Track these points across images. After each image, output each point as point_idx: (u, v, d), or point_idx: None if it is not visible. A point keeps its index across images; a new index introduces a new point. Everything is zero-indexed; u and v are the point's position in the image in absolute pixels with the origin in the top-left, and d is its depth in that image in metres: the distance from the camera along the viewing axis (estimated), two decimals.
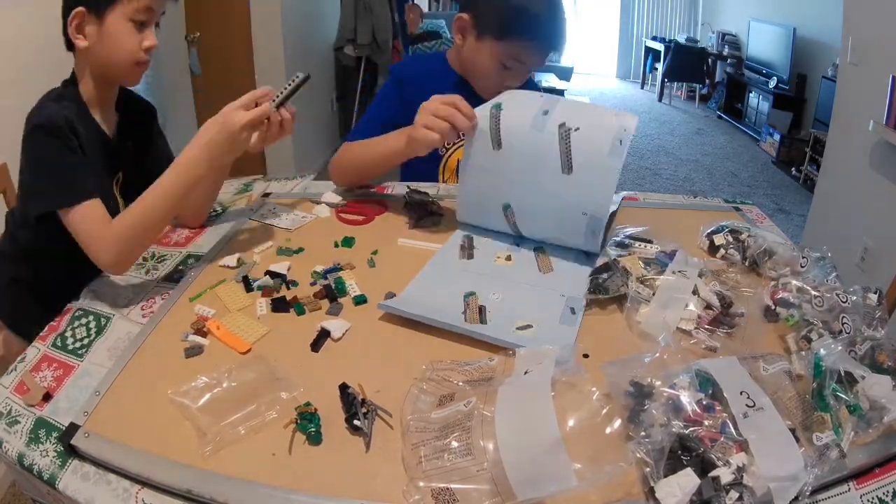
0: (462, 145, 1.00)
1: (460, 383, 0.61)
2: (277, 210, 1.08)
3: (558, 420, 0.52)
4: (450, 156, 1.22)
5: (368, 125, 1.14)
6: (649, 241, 0.88)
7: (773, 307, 0.76)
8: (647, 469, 0.50)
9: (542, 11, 1.02)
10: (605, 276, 0.81)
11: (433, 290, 0.82)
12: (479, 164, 0.93)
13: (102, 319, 0.79)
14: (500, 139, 0.91)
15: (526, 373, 0.61)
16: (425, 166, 1.17)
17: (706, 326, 0.74)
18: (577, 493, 0.50)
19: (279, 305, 0.79)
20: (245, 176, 1.29)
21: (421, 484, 0.52)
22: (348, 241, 0.96)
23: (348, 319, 0.76)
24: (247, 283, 0.83)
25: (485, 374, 0.63)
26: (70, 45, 0.92)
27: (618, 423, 0.54)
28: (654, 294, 0.78)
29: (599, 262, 0.85)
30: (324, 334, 0.73)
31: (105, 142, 0.97)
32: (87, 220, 0.82)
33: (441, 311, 0.76)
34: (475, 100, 0.98)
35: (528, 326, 0.75)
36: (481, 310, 0.78)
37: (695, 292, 0.77)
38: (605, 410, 0.55)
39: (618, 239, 0.89)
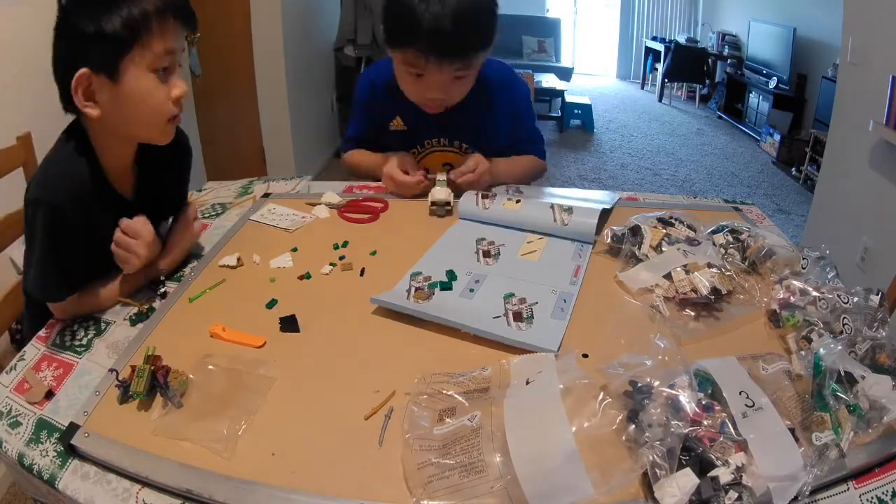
0: (430, 151, 1.23)
1: (457, 396, 0.61)
2: (277, 210, 1.08)
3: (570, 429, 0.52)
4: (420, 160, 1.25)
5: (357, 136, 1.28)
6: (692, 228, 0.92)
7: (778, 311, 0.76)
8: (662, 472, 0.50)
9: (424, 17, 0.93)
10: (625, 232, 0.91)
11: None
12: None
13: (103, 324, 0.79)
14: None
15: (528, 382, 0.61)
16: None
17: (689, 309, 0.78)
18: (585, 499, 0.50)
19: (287, 325, 0.76)
20: (246, 177, 1.29)
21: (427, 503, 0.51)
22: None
23: (342, 319, 0.77)
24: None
25: (480, 385, 0.63)
26: (70, 108, 0.75)
27: (630, 428, 0.54)
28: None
29: (630, 224, 0.93)
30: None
31: (121, 205, 0.85)
32: (57, 306, 0.80)
33: (430, 304, 0.78)
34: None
35: (506, 317, 0.77)
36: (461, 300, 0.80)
37: (688, 272, 0.79)
38: (618, 418, 0.55)
39: (661, 215, 0.95)
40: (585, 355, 0.69)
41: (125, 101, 0.74)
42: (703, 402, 0.56)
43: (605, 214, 1.02)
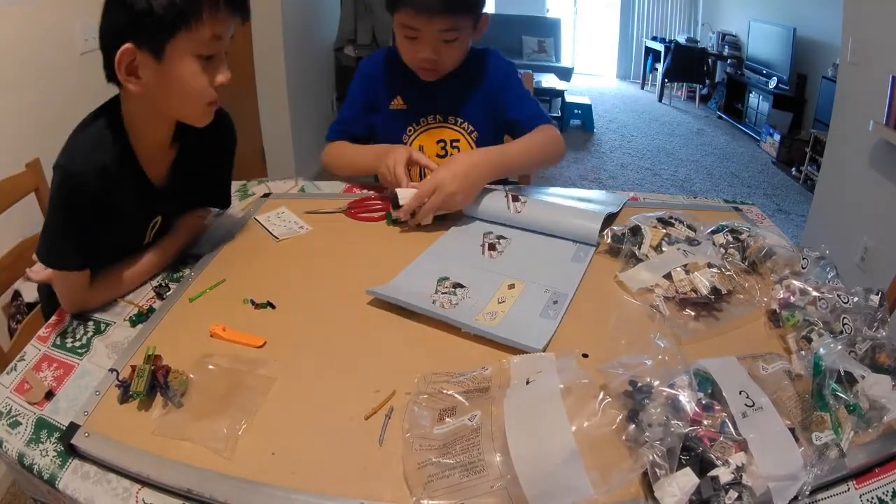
0: (426, 129, 1.23)
1: (457, 395, 0.61)
2: (284, 215, 1.07)
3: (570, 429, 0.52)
4: (411, 142, 1.24)
5: (344, 123, 1.28)
6: (692, 228, 0.93)
7: (778, 311, 0.76)
8: (662, 472, 0.50)
9: None
10: (625, 232, 0.91)
11: (422, 277, 0.85)
12: None
13: (103, 325, 0.79)
14: None
15: (528, 382, 0.61)
16: None
17: (689, 309, 0.78)
18: (585, 498, 0.50)
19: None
20: (245, 178, 1.29)
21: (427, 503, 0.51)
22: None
23: (343, 319, 0.77)
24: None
25: (480, 385, 0.63)
26: (112, 79, 0.75)
27: (630, 428, 0.54)
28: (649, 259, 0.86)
29: (630, 224, 0.93)
30: None
31: (147, 188, 0.85)
32: (68, 283, 0.78)
33: (418, 296, 0.79)
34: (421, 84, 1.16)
35: (494, 314, 0.76)
36: (453, 295, 0.81)
37: (688, 272, 0.79)
38: (618, 417, 0.55)
39: (661, 215, 0.95)
40: (585, 355, 0.69)
41: (166, 80, 0.74)
42: (703, 402, 0.56)
43: (609, 217, 1.02)
